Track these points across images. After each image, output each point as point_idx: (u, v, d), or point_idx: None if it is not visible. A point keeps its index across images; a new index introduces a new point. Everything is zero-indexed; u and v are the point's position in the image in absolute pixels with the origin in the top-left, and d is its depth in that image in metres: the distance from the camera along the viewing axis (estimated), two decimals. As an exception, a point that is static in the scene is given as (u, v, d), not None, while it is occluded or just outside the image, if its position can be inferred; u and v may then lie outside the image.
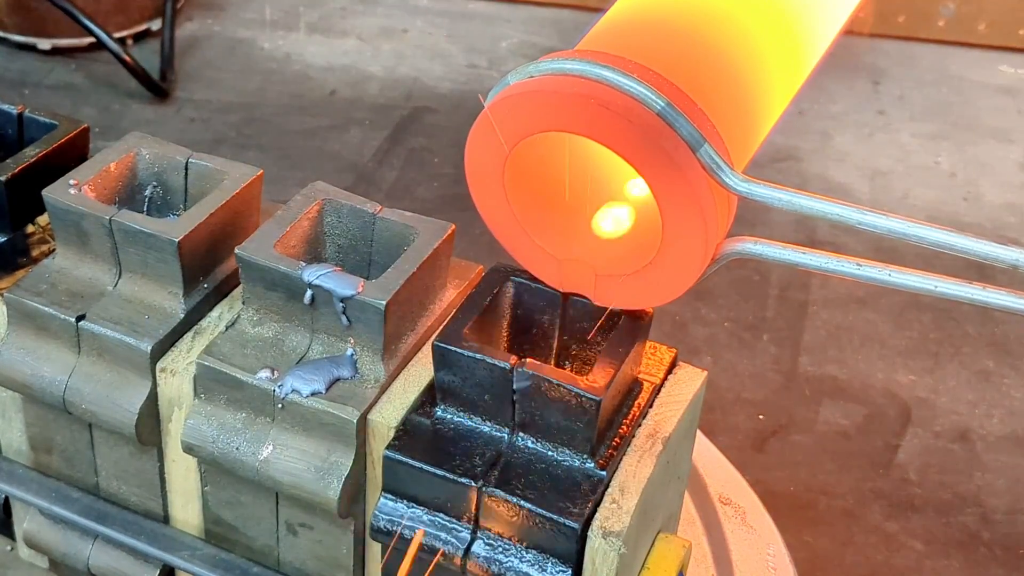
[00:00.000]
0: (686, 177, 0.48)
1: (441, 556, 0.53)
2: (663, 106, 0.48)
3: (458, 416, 0.54)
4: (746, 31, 0.55)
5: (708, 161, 0.48)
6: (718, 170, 0.49)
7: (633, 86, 0.48)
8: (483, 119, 0.51)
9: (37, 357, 0.59)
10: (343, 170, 1.31)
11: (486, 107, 0.51)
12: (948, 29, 1.62)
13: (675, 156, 0.48)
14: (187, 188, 0.62)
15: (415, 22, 1.62)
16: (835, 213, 0.49)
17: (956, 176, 1.37)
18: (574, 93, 0.49)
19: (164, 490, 0.62)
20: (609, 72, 0.49)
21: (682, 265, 0.51)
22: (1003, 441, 1.02)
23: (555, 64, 0.50)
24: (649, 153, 0.48)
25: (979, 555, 0.93)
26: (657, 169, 0.48)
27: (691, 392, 0.57)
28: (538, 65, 0.51)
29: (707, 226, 0.49)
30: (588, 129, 0.49)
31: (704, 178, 0.49)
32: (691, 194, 0.48)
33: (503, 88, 0.51)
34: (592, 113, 0.48)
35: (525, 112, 0.50)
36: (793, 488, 0.97)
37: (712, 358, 1.09)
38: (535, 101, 0.50)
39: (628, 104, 0.48)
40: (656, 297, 0.53)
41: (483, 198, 0.54)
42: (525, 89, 0.50)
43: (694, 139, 0.48)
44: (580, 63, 0.49)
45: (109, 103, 1.40)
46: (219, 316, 0.59)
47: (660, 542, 0.57)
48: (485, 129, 0.51)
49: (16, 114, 0.66)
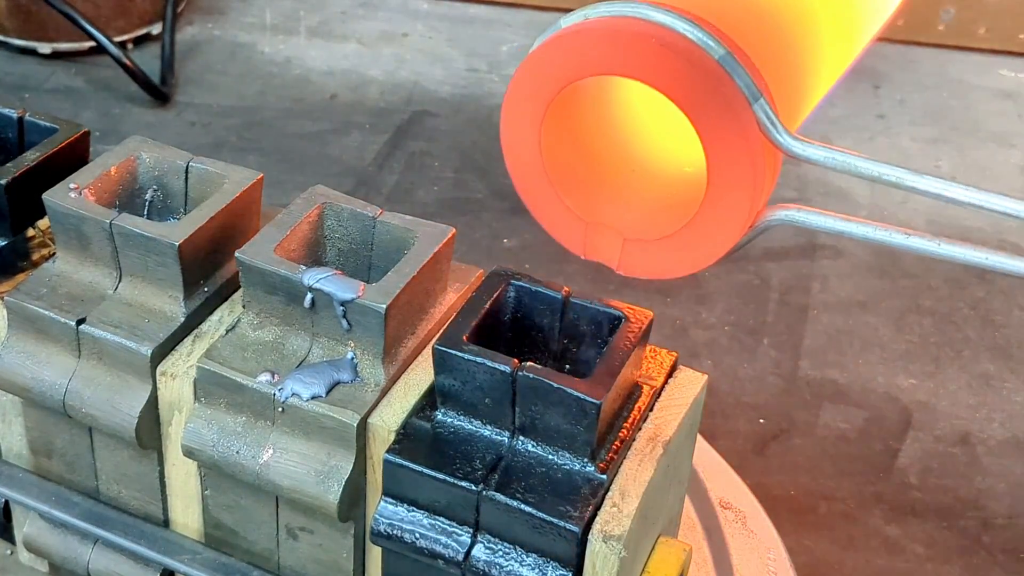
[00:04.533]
0: (742, 126, 0.46)
1: (441, 560, 0.53)
2: (723, 54, 0.47)
3: (458, 420, 0.54)
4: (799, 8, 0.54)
5: (763, 116, 0.47)
6: (773, 126, 0.47)
7: (694, 32, 0.47)
8: (531, 59, 0.49)
9: (37, 361, 0.59)
10: (343, 174, 1.31)
11: (538, 45, 0.49)
12: (948, 33, 1.62)
13: (733, 104, 0.46)
14: (187, 192, 0.62)
15: (415, 26, 1.62)
16: (890, 175, 0.48)
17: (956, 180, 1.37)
18: (634, 31, 0.47)
19: (164, 494, 0.62)
20: (669, 17, 0.47)
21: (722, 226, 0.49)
22: (1004, 445, 1.02)
23: (614, 7, 0.48)
24: (707, 99, 0.46)
25: (980, 559, 0.93)
26: (712, 117, 0.46)
27: (691, 396, 0.57)
28: (595, 8, 0.49)
29: (757, 182, 0.47)
30: (645, 72, 0.47)
31: (757, 131, 0.47)
32: (744, 146, 0.46)
33: (556, 30, 0.50)
34: (651, 54, 0.46)
35: (580, 52, 0.48)
36: (794, 492, 0.97)
37: (712, 362, 1.08)
38: (592, 39, 0.47)
39: (689, 47, 0.47)
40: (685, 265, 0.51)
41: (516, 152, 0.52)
42: (582, 27, 0.48)
43: (751, 91, 0.47)
44: (640, 7, 0.48)
45: (109, 107, 1.40)
46: (219, 320, 0.59)
47: (660, 546, 0.56)
48: (532, 71, 0.49)
49: (16, 118, 0.66)
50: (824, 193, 1.31)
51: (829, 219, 0.49)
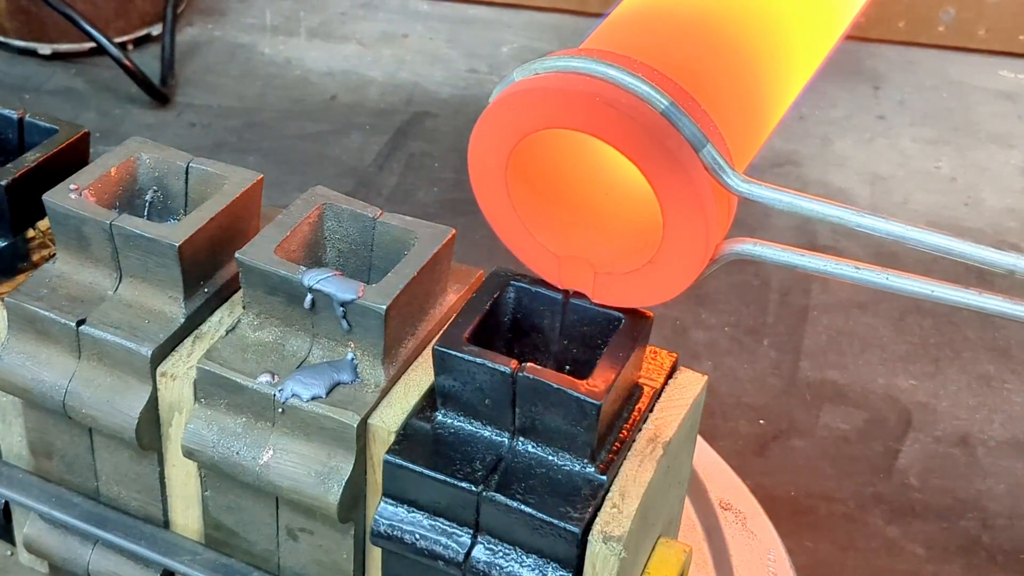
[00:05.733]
0: (688, 176, 0.48)
1: (442, 561, 0.53)
2: (667, 105, 0.48)
3: (459, 420, 0.54)
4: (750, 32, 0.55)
5: (710, 161, 0.49)
6: (720, 171, 0.49)
7: (638, 85, 0.48)
8: (487, 114, 0.51)
9: (37, 362, 0.59)
10: (343, 175, 1.31)
11: (491, 102, 0.51)
12: (948, 34, 1.62)
13: (678, 155, 0.48)
14: (187, 193, 0.62)
15: (415, 27, 1.62)
16: (834, 215, 0.49)
17: (956, 181, 1.37)
18: (579, 91, 0.49)
19: (164, 495, 0.62)
20: (614, 71, 0.49)
21: (681, 264, 0.51)
22: (1004, 446, 1.02)
23: (561, 62, 0.50)
24: (652, 152, 0.48)
25: (980, 560, 0.93)
26: (660, 168, 0.48)
27: (691, 397, 0.57)
28: (544, 62, 0.51)
29: (708, 225, 0.49)
30: (592, 127, 0.49)
31: (706, 178, 0.49)
32: (693, 193, 0.48)
33: (508, 84, 0.51)
34: (597, 111, 0.48)
35: (530, 109, 0.50)
36: (794, 493, 0.97)
37: (713, 363, 1.09)
38: (540, 98, 0.49)
39: (633, 103, 0.48)
40: (654, 296, 0.53)
41: (485, 194, 0.53)
42: (530, 86, 0.50)
43: (697, 139, 0.48)
44: (585, 61, 0.49)
45: (110, 108, 1.40)
46: (219, 321, 0.59)
47: (660, 547, 0.56)
48: (489, 124, 0.51)
49: (17, 119, 0.66)
50: (824, 194, 1.31)
51: (785, 253, 0.51)
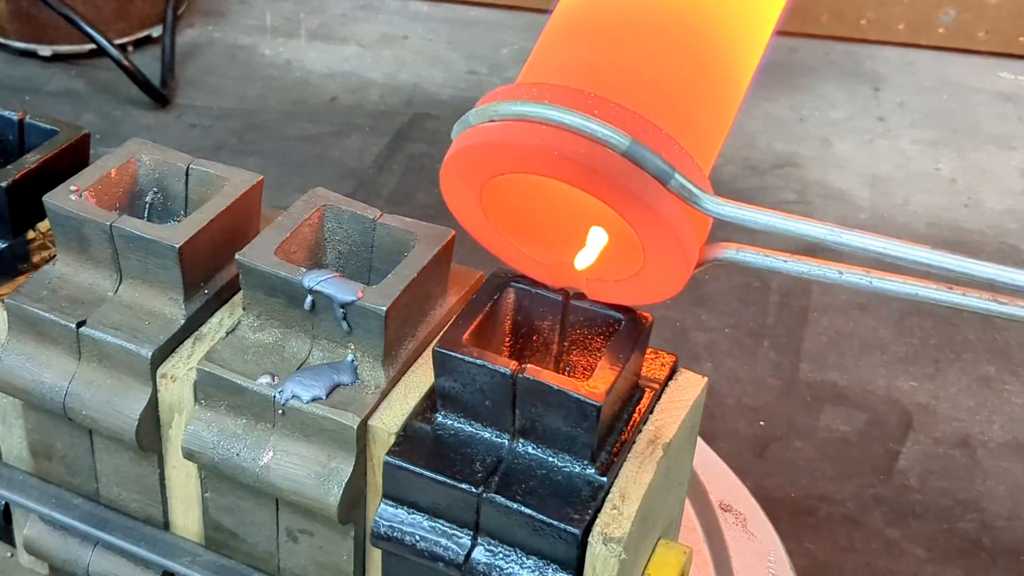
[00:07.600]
0: (657, 212, 0.48)
1: (442, 563, 0.53)
2: (628, 146, 0.48)
3: (459, 422, 0.54)
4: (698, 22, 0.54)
5: (680, 191, 0.48)
6: (692, 198, 0.49)
7: (595, 128, 0.48)
8: (448, 163, 0.51)
9: (37, 363, 0.59)
10: (344, 176, 1.31)
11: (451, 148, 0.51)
12: (948, 36, 1.62)
13: (644, 196, 0.48)
14: (188, 194, 0.62)
15: (415, 28, 1.62)
16: (804, 231, 0.50)
17: (957, 182, 1.37)
18: (535, 144, 0.48)
19: (164, 496, 0.62)
20: (569, 117, 0.48)
21: (665, 279, 0.51)
22: (1004, 447, 1.02)
23: (516, 107, 0.49)
24: (617, 195, 0.48)
25: (980, 561, 0.93)
26: (628, 207, 0.48)
27: (692, 398, 0.57)
28: (498, 108, 0.50)
29: (685, 249, 0.50)
30: (554, 174, 0.49)
31: (678, 207, 0.49)
32: (664, 226, 0.49)
33: (465, 127, 0.51)
34: (556, 162, 0.48)
35: (488, 160, 0.50)
36: (794, 494, 0.97)
37: (713, 364, 1.09)
38: (497, 151, 0.49)
39: (592, 150, 0.48)
40: (647, 298, 0.53)
41: (466, 220, 0.54)
42: (486, 139, 0.49)
43: (663, 173, 0.48)
44: (541, 108, 0.48)
45: (110, 109, 1.40)
46: (220, 322, 0.59)
47: (661, 548, 0.56)
48: (452, 171, 0.51)
49: (17, 120, 0.66)
50: (824, 196, 1.31)
51: (767, 258, 0.51)
